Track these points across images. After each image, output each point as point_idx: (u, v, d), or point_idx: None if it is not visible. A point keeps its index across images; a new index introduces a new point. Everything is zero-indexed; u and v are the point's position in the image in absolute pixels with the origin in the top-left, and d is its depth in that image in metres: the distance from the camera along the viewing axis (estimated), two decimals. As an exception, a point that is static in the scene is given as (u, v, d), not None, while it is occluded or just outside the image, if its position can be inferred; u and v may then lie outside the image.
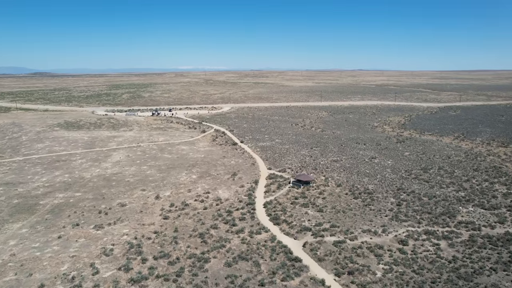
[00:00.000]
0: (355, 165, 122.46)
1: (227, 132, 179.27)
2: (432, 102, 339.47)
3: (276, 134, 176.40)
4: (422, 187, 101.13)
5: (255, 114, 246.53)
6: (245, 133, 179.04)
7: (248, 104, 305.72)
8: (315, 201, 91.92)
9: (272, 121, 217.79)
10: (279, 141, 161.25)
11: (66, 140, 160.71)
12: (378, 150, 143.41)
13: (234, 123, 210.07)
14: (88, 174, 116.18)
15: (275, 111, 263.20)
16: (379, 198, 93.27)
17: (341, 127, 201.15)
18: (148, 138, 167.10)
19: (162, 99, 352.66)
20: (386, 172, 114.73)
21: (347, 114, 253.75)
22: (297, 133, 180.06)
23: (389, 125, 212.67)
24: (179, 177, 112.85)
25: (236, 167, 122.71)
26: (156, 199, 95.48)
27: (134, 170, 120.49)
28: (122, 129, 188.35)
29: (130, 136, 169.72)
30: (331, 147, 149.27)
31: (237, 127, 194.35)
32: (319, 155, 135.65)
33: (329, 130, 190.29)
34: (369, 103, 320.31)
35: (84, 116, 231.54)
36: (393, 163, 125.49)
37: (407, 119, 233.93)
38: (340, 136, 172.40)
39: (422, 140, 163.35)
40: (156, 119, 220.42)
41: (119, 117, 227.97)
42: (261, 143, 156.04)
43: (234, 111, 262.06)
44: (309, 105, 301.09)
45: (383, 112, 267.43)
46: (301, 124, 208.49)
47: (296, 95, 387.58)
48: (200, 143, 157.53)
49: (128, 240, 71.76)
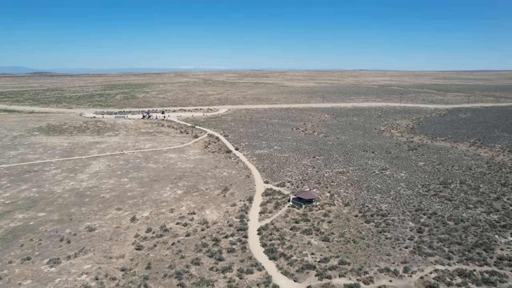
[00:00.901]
0: (364, 178, 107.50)
1: (222, 138, 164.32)
2: (439, 104, 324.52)
3: (275, 140, 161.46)
4: (445, 207, 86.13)
5: (253, 117, 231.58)
6: (241, 138, 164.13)
7: (246, 106, 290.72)
8: (320, 225, 77.09)
9: (271, 125, 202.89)
10: (278, 148, 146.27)
11: (43, 147, 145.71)
12: (388, 160, 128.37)
13: (229, 127, 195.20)
14: (59, 188, 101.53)
15: (275, 114, 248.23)
16: (395, 222, 78.40)
17: (346, 132, 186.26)
18: (133, 144, 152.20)
19: (156, 100, 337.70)
20: (400, 187, 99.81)
21: (351, 117, 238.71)
22: (298, 139, 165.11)
23: (397, 129, 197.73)
24: (162, 192, 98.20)
25: (228, 180, 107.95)
26: (131, 221, 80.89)
27: (112, 183, 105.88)
28: (107, 133, 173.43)
29: (115, 142, 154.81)
30: (336, 155, 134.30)
31: (233, 132, 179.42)
32: (323, 166, 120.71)
33: (333, 135, 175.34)
34: (373, 105, 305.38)
35: (70, 119, 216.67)
36: (407, 175, 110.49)
37: (415, 123, 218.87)
38: (345, 142, 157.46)
39: (436, 147, 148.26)
40: (147, 122, 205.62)
41: (107, 120, 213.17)
42: (258, 151, 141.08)
43: (231, 114, 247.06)
44: (311, 107, 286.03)
45: (389, 115, 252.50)
46: (302, 128, 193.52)
47: (297, 96, 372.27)
48: (190, 151, 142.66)
49: (87, 282, 57.10)
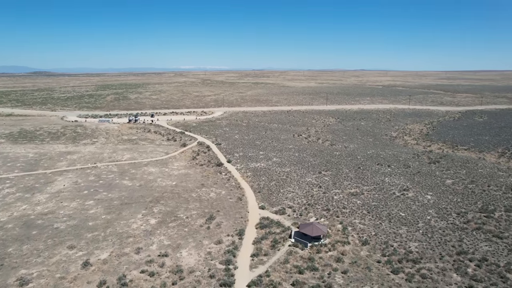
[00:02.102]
0: (382, 203, 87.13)
1: (213, 147, 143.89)
2: (449, 106, 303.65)
3: (274, 150, 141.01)
4: (496, 249, 65.70)
5: (251, 121, 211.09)
6: (235, 147, 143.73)
7: (243, 108, 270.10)
8: (332, 279, 56.90)
9: (270, 130, 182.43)
10: (277, 160, 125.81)
11: (3, 158, 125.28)
12: (408, 176, 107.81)
13: (223, 133, 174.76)
14: (5, 215, 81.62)
15: (274, 117, 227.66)
16: (432, 273, 58.09)
17: (354, 139, 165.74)
18: (110, 155, 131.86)
19: (149, 101, 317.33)
20: (429, 216, 79.46)
21: (358, 121, 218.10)
22: (300, 148, 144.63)
23: (410, 136, 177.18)
24: (132, 222, 78.16)
25: (215, 203, 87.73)
26: (83, 267, 61.00)
27: (74, 207, 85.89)
28: (84, 141, 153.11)
29: (89, 153, 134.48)
30: (346, 170, 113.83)
31: (227, 139, 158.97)
32: (331, 184, 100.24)
33: (340, 143, 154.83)
34: (380, 107, 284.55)
35: (48, 123, 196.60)
36: (435, 198, 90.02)
37: (429, 128, 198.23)
38: (354, 153, 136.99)
39: (461, 159, 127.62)
40: (132, 128, 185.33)
41: (89, 125, 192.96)
42: (254, 164, 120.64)
43: (227, 117, 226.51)
44: (314, 109, 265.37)
45: (398, 118, 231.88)
46: (305, 135, 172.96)
47: (298, 97, 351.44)
48: (175, 163, 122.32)
49: None
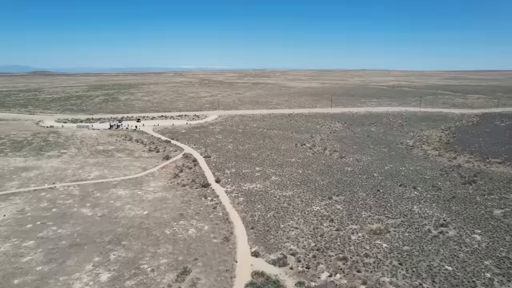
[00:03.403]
0: (417, 247, 64.62)
1: (201, 160, 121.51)
2: (463, 108, 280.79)
3: (273, 164, 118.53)
4: None
5: (248, 127, 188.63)
6: (227, 161, 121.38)
7: (241, 111, 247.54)
8: None
9: (269, 138, 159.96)
10: (276, 179, 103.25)
11: None
12: (442, 204, 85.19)
13: (215, 142, 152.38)
14: None
15: (275, 122, 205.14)
16: None
17: (365, 148, 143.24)
18: (75, 172, 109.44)
19: (139, 103, 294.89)
20: (488, 272, 56.97)
21: (368, 126, 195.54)
22: (304, 162, 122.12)
23: (429, 144, 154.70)
24: (75, 277, 56.13)
25: (194, 247, 65.42)
26: None
27: (3, 252, 63.79)
28: (50, 153, 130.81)
29: (51, 169, 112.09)
30: (362, 193, 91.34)
31: (218, 150, 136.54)
32: (346, 216, 77.75)
33: (350, 155, 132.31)
34: (389, 110, 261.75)
35: (19, 129, 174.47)
36: (488, 240, 67.39)
37: (448, 135, 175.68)
38: (369, 168, 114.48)
39: (501, 177, 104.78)
40: (112, 135, 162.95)
41: (65, 131, 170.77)
42: (248, 185, 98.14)
43: (221, 122, 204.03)
44: (318, 113, 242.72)
45: (411, 122, 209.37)
46: (309, 144, 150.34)
47: (300, 99, 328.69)
48: (152, 183, 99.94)
49: None
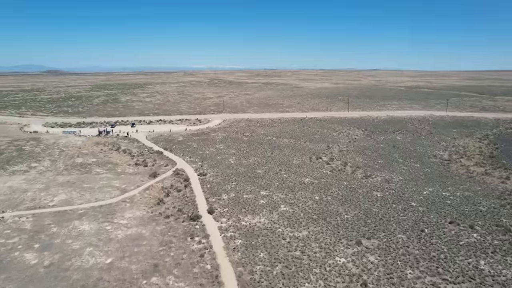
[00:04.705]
0: None
1: (194, 179, 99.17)
2: (495, 112, 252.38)
3: (282, 186, 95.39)
4: None
5: (254, 134, 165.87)
6: (226, 180, 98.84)
7: (248, 115, 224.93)
8: None
9: (278, 149, 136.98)
10: (287, 209, 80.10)
11: None
12: (521, 256, 60.95)
13: (215, 153, 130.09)
14: None
15: (285, 128, 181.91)
16: None
17: (393, 163, 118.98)
18: (37, 195, 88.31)
19: (139, 105, 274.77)
20: None
21: (392, 134, 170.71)
22: (321, 183, 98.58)
23: (468, 158, 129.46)
24: None
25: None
26: None
27: None
28: (15, 167, 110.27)
29: (8, 189, 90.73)
30: (401, 235, 67.53)
31: (217, 165, 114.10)
32: (383, 276, 54.08)
33: (377, 172, 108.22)
34: (413, 114, 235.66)
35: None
36: None
37: (489, 145, 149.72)
38: (403, 193, 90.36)
39: None
40: (99, 143, 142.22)
41: (48, 138, 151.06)
42: (249, 218, 75.22)
43: (225, 127, 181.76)
44: (333, 117, 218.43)
45: (440, 129, 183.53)
46: (326, 157, 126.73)
47: (313, 101, 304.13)
48: (127, 213, 78.02)
49: None
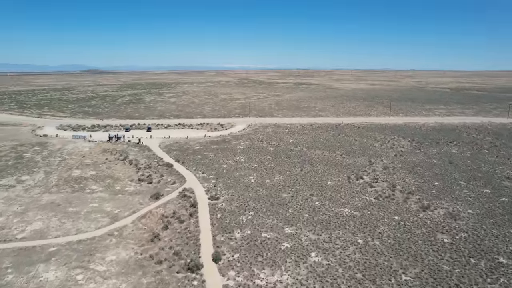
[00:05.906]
0: None
1: (203, 205, 79.59)
2: None
3: (313, 221, 73.56)
4: None
5: (282, 143, 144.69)
6: (243, 208, 78.53)
7: (276, 119, 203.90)
8: None
9: (309, 164, 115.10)
10: (320, 260, 58.13)
11: None
12: None
13: (234, 167, 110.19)
14: None
15: (318, 136, 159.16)
16: None
17: (455, 187, 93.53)
18: (8, 221, 71.76)
19: (162, 106, 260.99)
20: None
21: (446, 146, 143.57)
22: (365, 217, 75.82)
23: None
24: None
25: None
26: None
27: None
28: (2, 181, 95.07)
29: (-20, 212, 76.03)
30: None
31: (233, 185, 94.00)
32: None
33: (437, 201, 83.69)
34: (467, 121, 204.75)
35: (5, 139, 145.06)
36: None
37: None
38: (482, 239, 65.73)
39: None
40: (106, 151, 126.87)
41: (55, 143, 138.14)
42: (267, 274, 54.18)
43: (249, 134, 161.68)
44: (373, 123, 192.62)
45: (506, 141, 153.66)
46: (368, 176, 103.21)
47: (349, 104, 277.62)
48: (110, 253, 59.71)
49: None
